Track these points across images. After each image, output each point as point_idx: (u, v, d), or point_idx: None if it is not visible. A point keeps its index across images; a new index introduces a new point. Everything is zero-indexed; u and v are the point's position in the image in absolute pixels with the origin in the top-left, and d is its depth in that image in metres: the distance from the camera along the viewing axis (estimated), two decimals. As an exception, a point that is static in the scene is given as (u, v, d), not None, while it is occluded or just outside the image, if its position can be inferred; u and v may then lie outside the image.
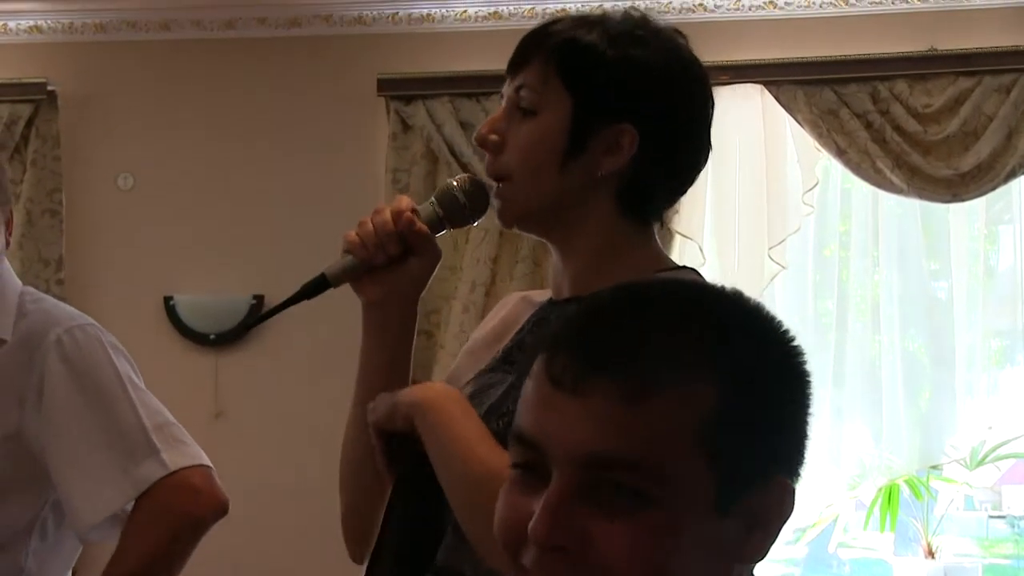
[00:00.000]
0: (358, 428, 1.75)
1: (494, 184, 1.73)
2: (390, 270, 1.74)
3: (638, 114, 1.68)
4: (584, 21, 1.71)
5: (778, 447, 1.12)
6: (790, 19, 4.91)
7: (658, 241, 1.78)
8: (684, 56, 1.74)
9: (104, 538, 2.28)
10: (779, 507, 1.10)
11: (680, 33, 1.76)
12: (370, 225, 1.73)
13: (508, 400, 1.64)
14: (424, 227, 1.74)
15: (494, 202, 1.74)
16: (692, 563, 1.06)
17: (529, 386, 1.11)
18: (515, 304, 1.85)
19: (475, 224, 1.80)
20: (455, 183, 1.76)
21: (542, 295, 1.83)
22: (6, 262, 2.36)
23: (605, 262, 1.71)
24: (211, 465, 2.28)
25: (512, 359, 1.75)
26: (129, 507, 2.23)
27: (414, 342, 1.82)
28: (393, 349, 1.78)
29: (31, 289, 2.37)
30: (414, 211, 1.74)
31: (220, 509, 2.25)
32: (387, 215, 1.72)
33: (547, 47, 1.69)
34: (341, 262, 1.76)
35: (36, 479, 2.24)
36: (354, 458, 1.81)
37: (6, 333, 2.26)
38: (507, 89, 1.73)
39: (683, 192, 1.80)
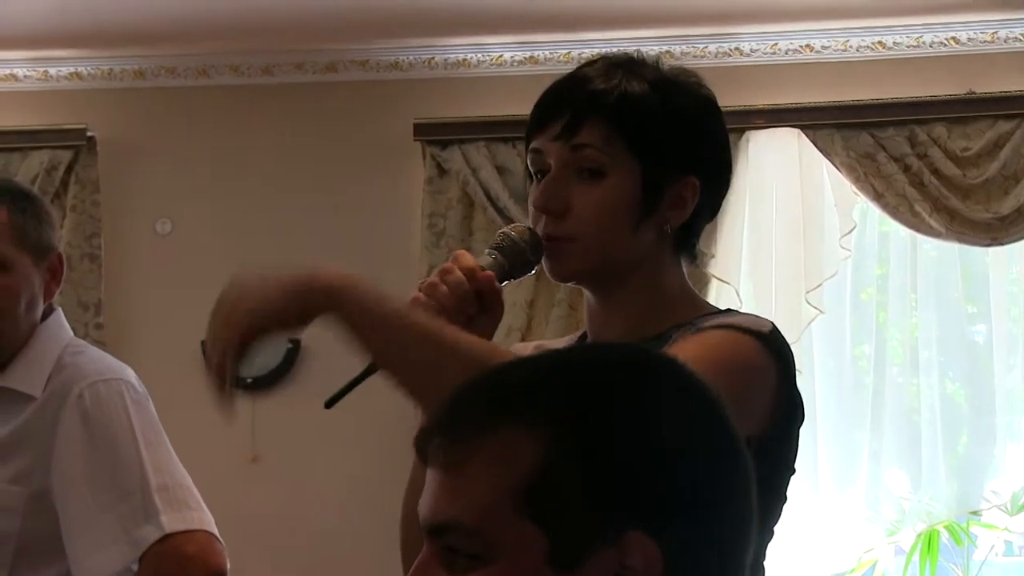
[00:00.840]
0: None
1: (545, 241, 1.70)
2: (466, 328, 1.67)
3: (699, 165, 1.71)
4: (621, 68, 1.70)
5: (628, 500, 1.06)
6: (826, 63, 4.90)
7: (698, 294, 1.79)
8: (710, 97, 1.75)
9: None
10: (643, 565, 1.05)
11: (692, 72, 1.78)
12: (444, 287, 1.64)
13: None
14: (499, 284, 1.69)
15: (546, 259, 1.71)
16: None
17: None
18: (531, 353, 1.80)
19: (532, 273, 1.75)
20: (514, 233, 1.71)
21: (558, 344, 1.82)
22: (58, 314, 2.36)
23: (661, 311, 1.71)
24: (213, 532, 2.25)
25: None
26: (135, 567, 2.22)
27: None
28: None
29: (78, 341, 2.37)
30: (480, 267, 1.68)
31: None
32: (460, 275, 1.64)
33: (601, 107, 1.66)
34: None
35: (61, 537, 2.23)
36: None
37: (36, 391, 2.26)
38: (551, 148, 1.69)
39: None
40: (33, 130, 5.07)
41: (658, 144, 1.67)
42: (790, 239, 4.78)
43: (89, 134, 5.06)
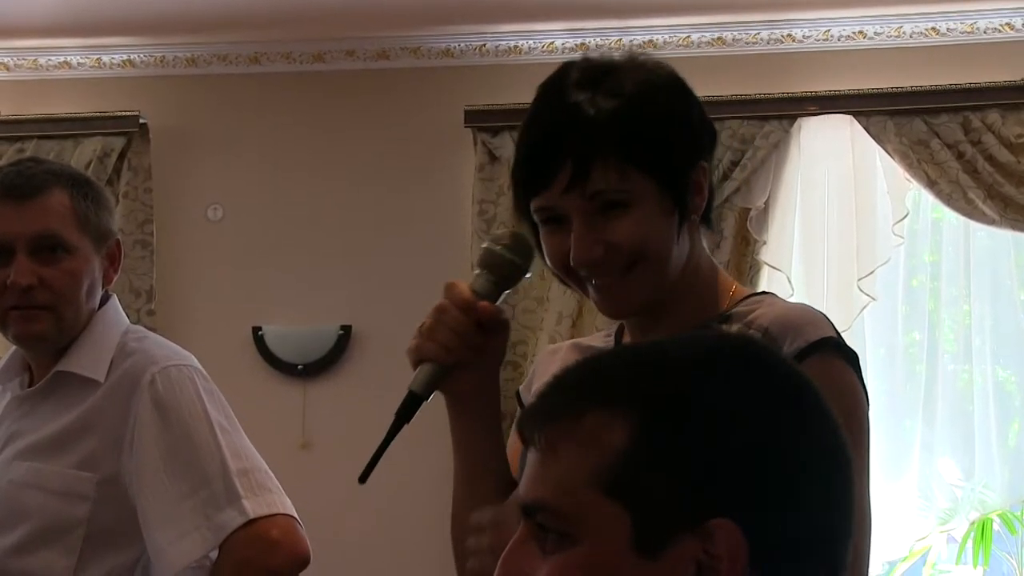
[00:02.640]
0: (484, 499, 1.71)
1: (595, 278, 1.66)
2: (474, 360, 1.68)
3: (701, 150, 1.70)
4: (589, 89, 1.65)
5: (716, 489, 1.07)
6: (880, 49, 4.87)
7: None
8: (673, 74, 1.71)
9: None
10: (728, 554, 1.06)
11: (646, 55, 1.73)
12: (443, 329, 1.65)
13: None
14: (497, 308, 1.68)
15: (603, 301, 1.67)
16: None
17: None
18: (566, 352, 1.80)
19: (528, 276, 1.72)
20: (497, 246, 1.69)
21: (594, 340, 1.81)
22: (114, 300, 2.36)
23: (701, 295, 1.72)
24: (294, 515, 2.25)
25: None
26: (214, 555, 2.21)
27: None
28: (492, 425, 1.74)
29: (138, 328, 2.37)
30: (474, 293, 1.67)
31: (298, 562, 2.22)
32: (456, 313, 1.65)
33: (603, 145, 1.61)
34: (425, 374, 1.67)
35: (136, 524, 2.22)
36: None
37: (100, 375, 2.25)
38: (564, 202, 1.63)
39: None
40: (86, 117, 5.11)
41: (667, 156, 1.64)
42: (842, 226, 4.75)
43: (142, 121, 5.09)
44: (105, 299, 2.35)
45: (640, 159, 1.61)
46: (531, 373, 1.87)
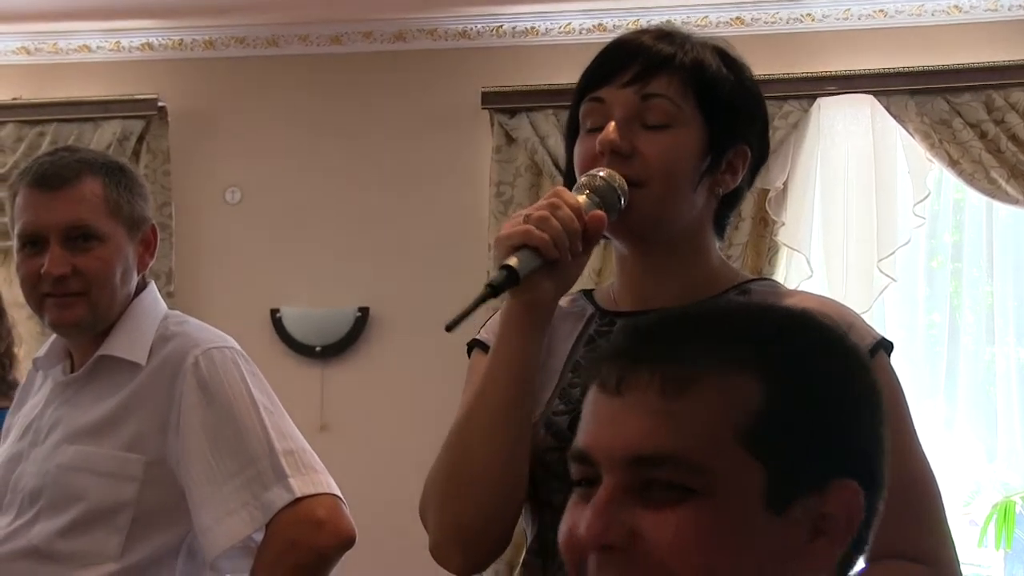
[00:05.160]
0: (520, 428, 1.65)
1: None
2: (563, 267, 1.65)
3: (752, 135, 1.74)
4: (680, 38, 1.73)
5: (841, 451, 1.10)
6: (901, 28, 4.83)
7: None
8: (755, 79, 1.79)
9: (236, 569, 2.29)
10: (846, 513, 1.09)
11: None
12: (555, 222, 1.62)
13: None
14: (604, 221, 1.65)
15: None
16: (743, 558, 1.06)
17: (584, 408, 1.14)
18: None
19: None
20: (604, 175, 1.66)
21: (570, 301, 1.79)
22: (152, 286, 2.39)
23: (711, 277, 1.73)
24: (339, 495, 2.26)
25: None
26: (259, 536, 2.23)
27: None
28: (541, 344, 1.70)
29: (177, 312, 2.39)
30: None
31: (345, 541, 2.24)
32: (569, 212, 1.62)
33: (676, 64, 1.69)
34: (528, 258, 1.61)
35: (181, 504, 2.24)
36: (503, 456, 1.65)
37: (141, 358, 2.28)
38: (618, 96, 1.68)
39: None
40: (105, 100, 5.12)
41: (727, 108, 1.70)
42: (863, 207, 4.73)
43: (160, 104, 5.10)
44: (143, 286, 2.38)
45: (702, 89, 1.68)
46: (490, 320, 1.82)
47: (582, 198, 1.64)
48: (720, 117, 1.69)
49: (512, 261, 1.60)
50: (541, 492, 1.70)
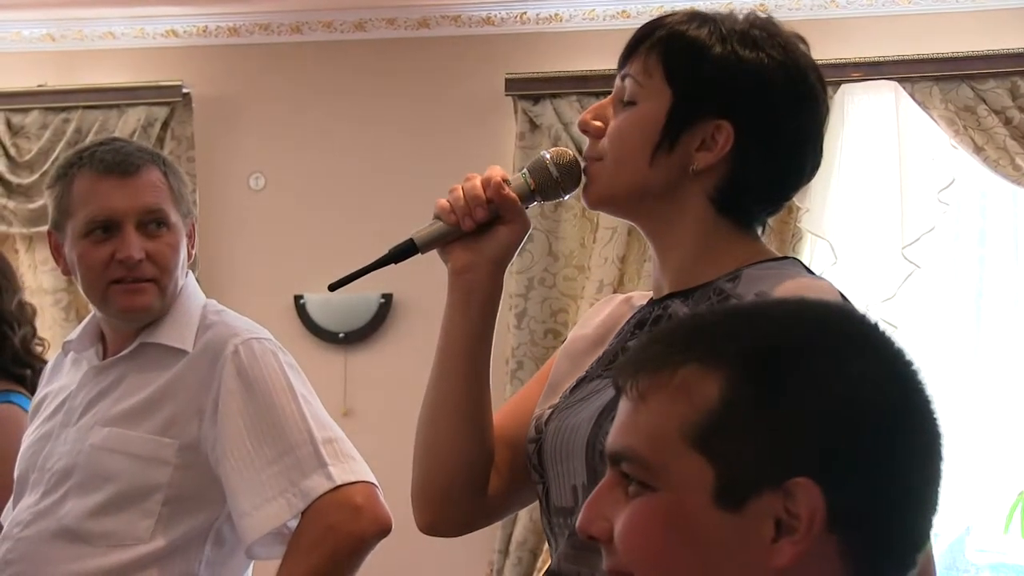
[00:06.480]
0: (449, 388, 1.79)
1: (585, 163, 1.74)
2: (478, 237, 1.74)
3: (738, 113, 1.65)
4: (698, 16, 1.70)
5: (799, 447, 1.08)
6: (925, 14, 4.81)
7: (763, 243, 1.75)
8: (800, 62, 1.69)
9: (269, 556, 2.30)
10: (807, 512, 1.07)
11: (802, 39, 1.73)
12: (460, 191, 1.75)
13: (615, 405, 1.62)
14: (512, 194, 1.74)
15: (584, 183, 1.75)
16: (690, 552, 1.09)
17: None
18: (617, 306, 1.83)
19: (565, 199, 1.80)
20: (548, 156, 1.76)
21: (643, 297, 1.81)
22: (192, 276, 2.42)
23: (700, 260, 1.69)
24: (376, 483, 2.28)
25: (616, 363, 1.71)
26: (293, 524, 2.24)
27: (497, 316, 1.80)
28: (477, 318, 1.77)
29: (213, 302, 2.42)
30: (504, 180, 1.75)
31: (382, 528, 2.25)
32: (477, 182, 1.74)
33: (653, 39, 1.69)
34: (430, 228, 1.76)
35: (212, 489, 2.26)
36: (442, 423, 1.86)
37: (188, 344, 2.30)
38: (616, 79, 1.73)
39: (785, 198, 1.75)
40: (130, 87, 5.14)
41: (692, 80, 1.66)
42: (887, 193, 4.71)
43: (184, 91, 5.11)
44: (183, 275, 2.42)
45: (667, 61, 1.67)
46: (585, 319, 1.89)
47: (516, 176, 1.77)
48: (684, 88, 1.66)
49: (417, 232, 1.77)
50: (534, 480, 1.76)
